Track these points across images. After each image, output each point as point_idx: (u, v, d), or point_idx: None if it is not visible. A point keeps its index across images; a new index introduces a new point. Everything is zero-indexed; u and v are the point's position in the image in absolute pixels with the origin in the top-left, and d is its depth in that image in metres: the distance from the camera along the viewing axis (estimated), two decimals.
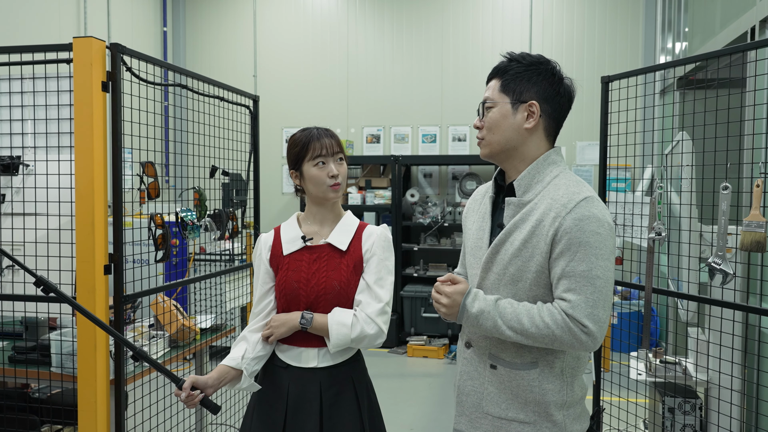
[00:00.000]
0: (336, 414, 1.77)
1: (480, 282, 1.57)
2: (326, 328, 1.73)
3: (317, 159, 1.79)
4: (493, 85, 1.58)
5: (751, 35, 3.20)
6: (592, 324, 1.40)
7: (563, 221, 1.44)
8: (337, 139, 1.85)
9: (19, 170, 2.50)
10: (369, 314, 1.74)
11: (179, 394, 1.66)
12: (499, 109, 1.54)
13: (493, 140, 1.56)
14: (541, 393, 1.50)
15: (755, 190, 2.24)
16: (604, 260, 1.43)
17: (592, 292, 1.41)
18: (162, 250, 2.58)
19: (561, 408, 1.52)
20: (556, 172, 1.54)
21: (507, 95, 1.54)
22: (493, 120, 1.55)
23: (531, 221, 1.49)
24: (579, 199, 1.45)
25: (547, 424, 1.51)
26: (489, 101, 1.56)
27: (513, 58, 1.57)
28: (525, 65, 1.54)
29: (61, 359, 2.44)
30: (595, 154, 6.19)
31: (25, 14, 5.20)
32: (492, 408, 1.55)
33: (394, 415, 4.09)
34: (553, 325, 1.41)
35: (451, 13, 6.67)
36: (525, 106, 1.53)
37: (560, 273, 1.44)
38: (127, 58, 2.34)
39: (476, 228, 1.65)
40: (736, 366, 2.57)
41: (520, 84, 1.53)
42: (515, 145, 1.55)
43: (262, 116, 3.79)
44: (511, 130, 1.54)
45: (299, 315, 1.76)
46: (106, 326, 1.68)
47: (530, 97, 1.53)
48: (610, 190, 3.05)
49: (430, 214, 6.16)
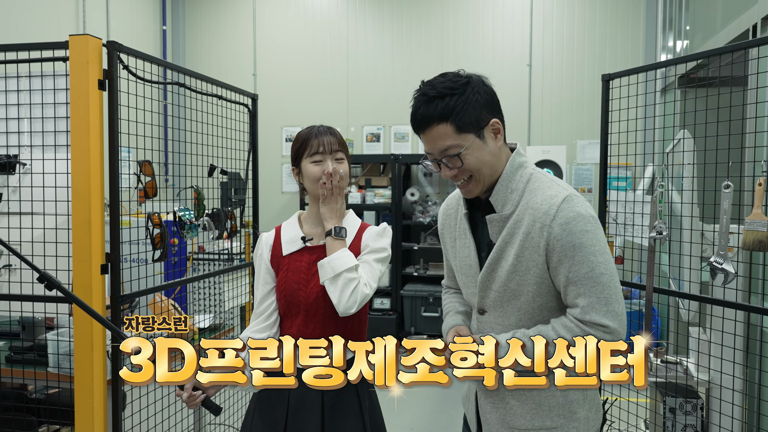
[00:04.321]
0: (338, 414, 1.76)
1: (480, 300, 1.55)
2: (334, 251, 1.70)
3: (315, 156, 1.78)
4: (444, 131, 1.43)
5: (753, 33, 3.18)
6: (611, 321, 1.38)
7: (551, 230, 1.41)
8: (339, 138, 1.83)
9: (16, 169, 2.48)
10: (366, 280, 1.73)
11: (181, 395, 1.65)
12: (471, 149, 1.45)
13: (483, 176, 1.48)
14: (563, 394, 1.49)
15: (757, 189, 2.22)
16: (601, 255, 1.41)
17: (602, 291, 1.39)
18: (160, 249, 2.56)
19: (583, 403, 1.51)
20: (526, 176, 1.50)
21: (469, 132, 1.44)
22: (473, 160, 1.45)
23: (519, 235, 1.46)
24: (558, 202, 1.42)
25: (574, 424, 1.49)
26: (456, 149, 1.44)
27: (442, 94, 1.43)
28: (461, 93, 1.43)
29: (57, 359, 2.42)
30: (595, 153, 6.17)
31: (24, 13, 5.18)
32: (517, 421, 1.52)
33: (394, 415, 4.07)
34: (571, 337, 1.38)
35: (452, 11, 6.65)
36: (488, 129, 1.47)
37: (565, 281, 1.42)
38: (124, 56, 2.33)
39: (461, 246, 1.61)
40: (737, 366, 2.56)
41: (473, 113, 1.43)
42: (497, 168, 1.50)
43: (261, 115, 3.77)
44: (492, 156, 1.48)
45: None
46: (111, 325, 1.66)
47: (488, 118, 1.46)
48: (610, 188, 3.04)
49: (430, 213, 6.15)
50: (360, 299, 1.68)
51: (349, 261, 1.69)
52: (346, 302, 1.67)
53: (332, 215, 1.77)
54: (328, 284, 1.69)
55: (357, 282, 1.68)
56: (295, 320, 1.80)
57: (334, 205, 1.77)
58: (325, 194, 1.76)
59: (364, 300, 1.70)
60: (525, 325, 1.49)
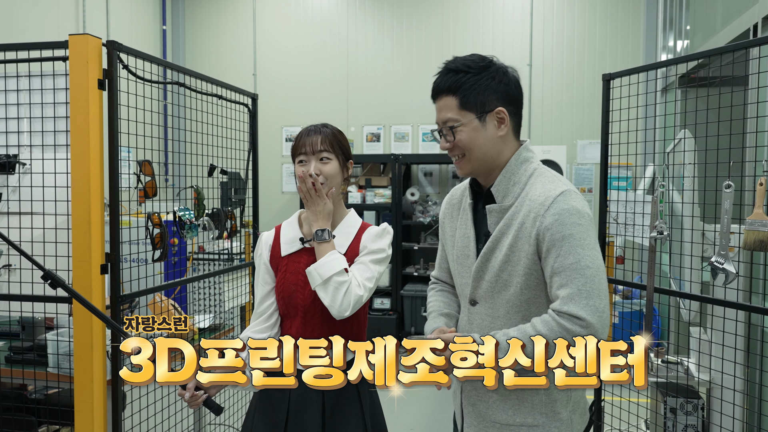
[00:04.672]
0: (339, 414, 1.75)
1: (472, 291, 1.56)
2: (325, 254, 1.67)
3: (299, 156, 1.77)
4: (449, 103, 1.49)
5: (753, 32, 3.18)
6: (589, 315, 1.36)
7: (543, 219, 1.42)
8: (327, 136, 1.77)
9: (16, 169, 2.48)
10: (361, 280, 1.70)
11: (183, 394, 1.64)
12: (468, 127, 1.49)
13: (474, 157, 1.51)
14: (547, 392, 1.48)
15: (758, 189, 2.22)
16: (590, 249, 1.40)
17: (584, 283, 1.38)
18: (160, 249, 2.56)
19: (567, 405, 1.50)
20: (530, 171, 1.52)
21: (470, 111, 1.48)
22: (467, 139, 1.49)
23: (515, 226, 1.47)
24: (555, 195, 1.44)
25: (555, 424, 1.49)
26: (453, 122, 1.49)
27: (458, 69, 1.49)
28: (475, 73, 1.48)
29: (57, 359, 2.42)
30: (596, 153, 6.17)
31: (25, 13, 5.18)
32: (498, 416, 1.53)
33: (394, 415, 4.07)
34: (550, 333, 1.37)
35: (452, 10, 6.65)
36: (492, 115, 1.49)
37: (551, 271, 1.42)
38: (124, 55, 2.33)
39: (460, 236, 1.62)
40: (738, 366, 2.55)
41: (480, 95, 1.47)
42: (493, 156, 1.51)
43: (261, 115, 3.77)
44: (487, 142, 1.50)
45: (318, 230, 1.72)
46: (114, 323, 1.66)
47: (495, 105, 1.49)
48: (611, 188, 3.03)
49: (431, 213, 6.15)
50: (354, 301, 1.66)
51: (336, 265, 1.66)
52: (339, 306, 1.65)
53: (315, 217, 1.73)
54: (319, 290, 1.67)
55: (348, 284, 1.65)
56: (294, 321, 1.79)
57: (315, 208, 1.73)
58: (303, 197, 1.74)
59: (359, 302, 1.68)
60: (513, 318, 1.49)
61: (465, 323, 1.59)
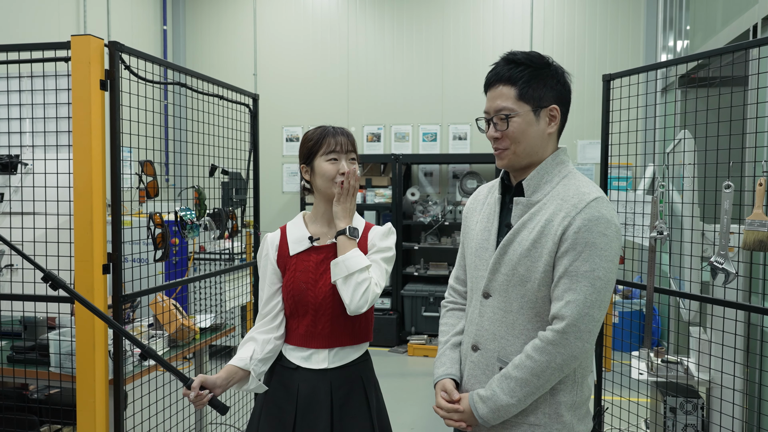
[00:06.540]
0: (347, 414, 1.76)
1: (487, 283, 1.56)
2: (347, 250, 1.71)
3: (330, 154, 1.79)
4: (506, 92, 1.51)
5: (753, 33, 3.18)
6: (583, 323, 1.40)
7: (573, 220, 1.43)
8: (352, 139, 1.84)
9: (18, 169, 2.49)
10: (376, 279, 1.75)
11: (188, 394, 1.64)
12: (522, 119, 1.50)
13: (520, 150, 1.53)
14: (552, 394, 1.49)
15: (758, 189, 2.23)
16: (607, 262, 1.42)
17: (591, 293, 1.41)
18: (161, 249, 2.57)
19: (570, 408, 1.51)
20: (564, 172, 1.54)
21: (527, 103, 1.50)
22: (519, 130, 1.51)
23: (540, 220, 1.48)
24: (589, 199, 1.45)
25: (557, 426, 1.49)
26: (508, 111, 1.51)
27: (519, 62, 1.52)
28: (535, 69, 1.51)
29: (59, 359, 2.43)
30: (596, 153, 6.18)
31: (25, 13, 5.18)
32: None
33: (395, 414, 4.07)
34: (544, 357, 1.42)
35: (452, 11, 6.65)
36: (546, 111, 1.52)
37: (562, 271, 1.43)
38: (125, 56, 2.33)
39: (481, 228, 1.63)
40: (738, 366, 2.56)
41: (538, 90, 1.50)
42: (537, 151, 1.54)
43: (262, 115, 3.78)
44: (537, 137, 1.52)
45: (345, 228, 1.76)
46: (115, 323, 1.67)
47: (550, 102, 1.52)
48: (611, 188, 3.04)
49: (431, 213, 6.15)
50: (371, 299, 1.70)
51: (362, 261, 1.70)
52: (358, 302, 1.68)
53: (345, 215, 1.77)
54: (340, 283, 1.70)
55: (369, 282, 1.69)
56: (302, 320, 1.79)
57: (347, 205, 1.77)
58: (340, 193, 1.77)
59: (374, 299, 1.72)
60: (526, 314, 1.50)
61: (476, 316, 1.59)
